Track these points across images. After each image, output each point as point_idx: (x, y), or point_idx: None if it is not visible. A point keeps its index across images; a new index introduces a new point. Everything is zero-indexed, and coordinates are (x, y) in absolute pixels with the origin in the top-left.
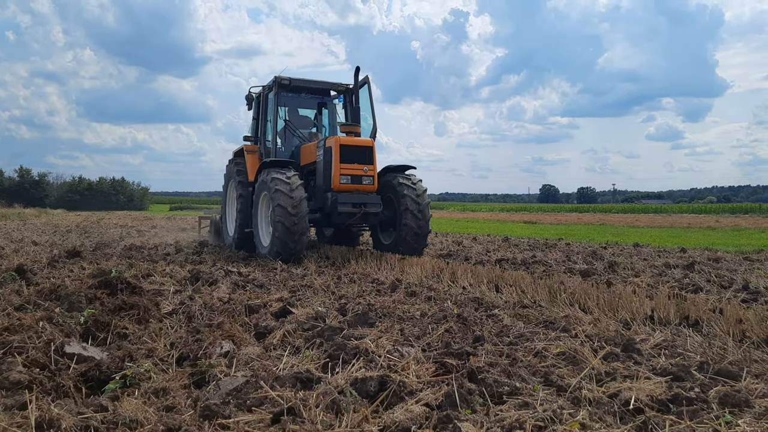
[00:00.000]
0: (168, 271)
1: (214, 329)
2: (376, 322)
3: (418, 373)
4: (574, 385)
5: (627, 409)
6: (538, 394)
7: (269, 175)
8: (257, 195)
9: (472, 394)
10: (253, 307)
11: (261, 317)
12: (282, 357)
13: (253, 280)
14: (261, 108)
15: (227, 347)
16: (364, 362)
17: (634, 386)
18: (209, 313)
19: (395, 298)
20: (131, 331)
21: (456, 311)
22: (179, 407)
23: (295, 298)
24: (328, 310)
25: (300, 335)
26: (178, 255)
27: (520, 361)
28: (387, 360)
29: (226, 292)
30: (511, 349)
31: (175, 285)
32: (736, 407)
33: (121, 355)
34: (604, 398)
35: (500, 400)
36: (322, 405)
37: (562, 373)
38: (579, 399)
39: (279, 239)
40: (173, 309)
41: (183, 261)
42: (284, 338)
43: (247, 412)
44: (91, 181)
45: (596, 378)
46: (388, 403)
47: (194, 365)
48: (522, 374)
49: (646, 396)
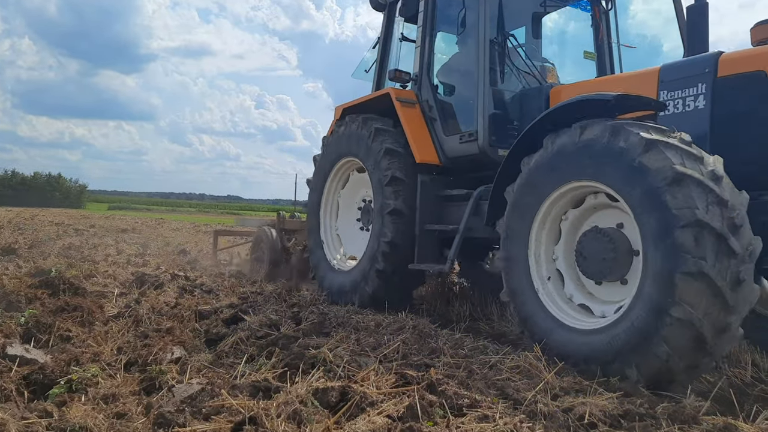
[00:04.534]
0: (111, 273)
1: (164, 334)
2: (331, 331)
3: (378, 384)
4: (530, 399)
5: (581, 424)
6: (497, 406)
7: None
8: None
9: (433, 405)
10: (203, 313)
11: (212, 323)
12: (236, 365)
13: (201, 285)
14: (426, 19)
15: (178, 353)
16: (323, 372)
17: (587, 401)
18: (157, 317)
19: (349, 307)
20: (75, 333)
21: (411, 322)
22: (131, 414)
23: (246, 304)
24: (282, 318)
25: (253, 343)
26: (120, 256)
27: (476, 374)
28: (346, 370)
29: (173, 297)
30: (467, 361)
31: (119, 287)
32: (685, 423)
33: (66, 358)
34: (558, 412)
35: (460, 412)
36: (283, 415)
37: (517, 387)
38: (535, 413)
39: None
40: (119, 312)
41: (125, 263)
42: (237, 345)
43: (204, 420)
44: (25, 175)
45: (551, 392)
46: (350, 414)
47: (144, 371)
48: (479, 387)
49: (599, 411)
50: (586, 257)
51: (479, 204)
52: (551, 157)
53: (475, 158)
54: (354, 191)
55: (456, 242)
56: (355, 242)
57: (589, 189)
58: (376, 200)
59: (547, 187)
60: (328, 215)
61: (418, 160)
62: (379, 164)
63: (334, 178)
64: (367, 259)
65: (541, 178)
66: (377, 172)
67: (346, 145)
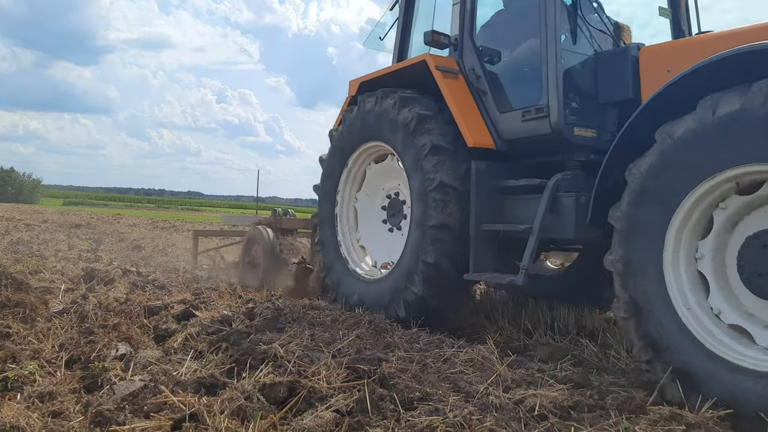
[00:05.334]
0: (59, 268)
1: (110, 330)
2: (285, 327)
3: (329, 379)
4: (482, 392)
5: (532, 415)
6: (448, 400)
7: None
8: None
9: (384, 399)
10: (153, 309)
11: (161, 319)
12: (184, 361)
13: (154, 281)
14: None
15: (123, 349)
16: (272, 367)
17: (538, 393)
18: (104, 313)
19: (305, 303)
20: (15, 330)
21: (368, 318)
22: (67, 413)
23: (198, 300)
24: (235, 314)
25: (204, 339)
26: (71, 251)
27: (430, 367)
28: (297, 365)
29: (124, 293)
30: (422, 355)
31: (67, 283)
32: (633, 414)
33: (3, 355)
34: (510, 404)
35: (411, 405)
36: (227, 411)
37: (470, 380)
38: (486, 405)
39: None
40: (64, 308)
41: (76, 258)
42: (186, 342)
43: (145, 418)
44: None
45: (503, 384)
46: (298, 409)
47: (86, 368)
48: (432, 380)
49: (550, 402)
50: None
51: (556, 197)
52: (716, 126)
53: (544, 140)
54: (374, 188)
55: (531, 246)
56: (383, 247)
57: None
58: (417, 207)
59: (705, 168)
60: (347, 227)
61: (470, 143)
62: (422, 164)
63: (348, 178)
64: (402, 274)
65: (696, 155)
66: (418, 173)
67: (373, 127)
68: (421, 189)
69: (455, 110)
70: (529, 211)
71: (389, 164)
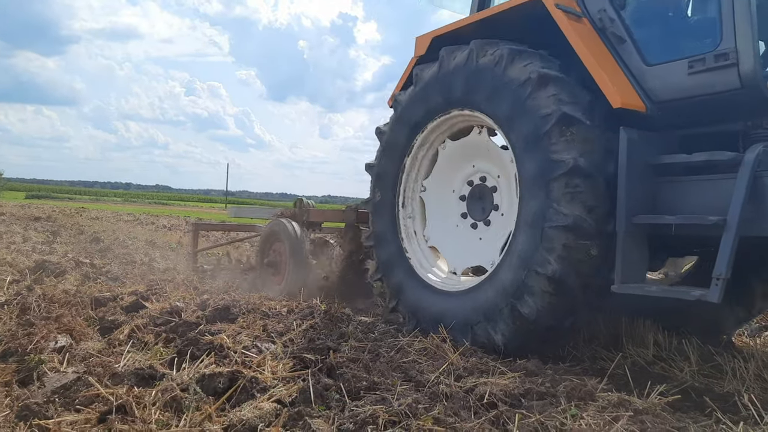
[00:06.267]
0: (9, 260)
1: (51, 322)
2: (238, 317)
3: (274, 369)
4: (433, 380)
5: (481, 404)
6: (396, 389)
7: None
8: None
9: (329, 389)
10: (101, 300)
11: (109, 311)
12: (127, 353)
13: (107, 273)
14: None
15: (63, 341)
16: (216, 358)
17: (490, 381)
18: (48, 305)
19: (263, 294)
20: None
21: (324, 308)
22: None
23: (151, 292)
24: (187, 305)
25: (151, 330)
26: (25, 244)
27: (382, 357)
28: (243, 356)
29: (74, 284)
30: (375, 345)
31: (14, 275)
32: (582, 401)
33: None
34: (460, 393)
35: (357, 395)
36: (159, 403)
37: (422, 369)
38: (437, 394)
39: None
40: (6, 300)
41: (30, 251)
42: (133, 333)
43: (74, 411)
44: None
45: (455, 373)
46: (238, 401)
47: (22, 361)
48: (382, 369)
49: (500, 391)
50: None
51: (758, 178)
52: None
53: (725, 99)
54: (448, 173)
55: (729, 246)
56: (461, 248)
57: None
58: (530, 200)
59: None
60: (411, 220)
61: (617, 103)
62: (544, 141)
63: (415, 161)
64: (502, 288)
65: None
66: (536, 153)
67: (462, 90)
68: (539, 175)
69: (590, 62)
70: (712, 198)
71: (473, 141)
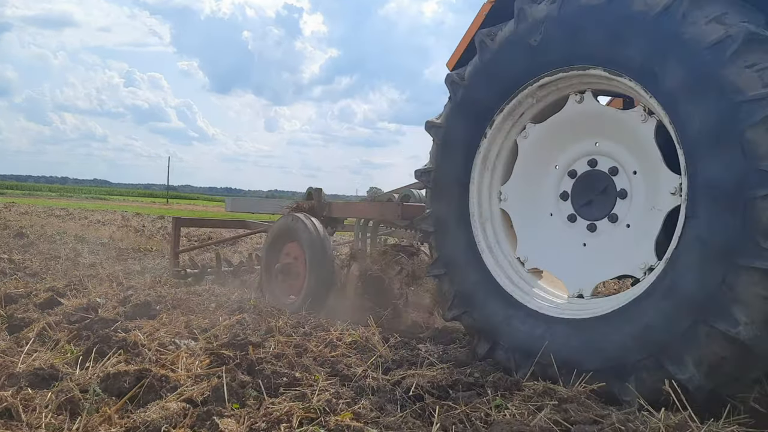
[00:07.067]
0: None
1: None
2: (161, 313)
3: (189, 367)
4: (360, 374)
5: (408, 396)
6: (318, 384)
7: None
8: None
9: (246, 386)
10: (12, 297)
11: (20, 308)
12: (33, 352)
13: (26, 269)
14: None
15: None
16: (127, 356)
17: (418, 373)
18: None
19: (191, 289)
20: None
21: (253, 303)
22: None
23: (70, 287)
24: (108, 301)
25: (64, 328)
26: None
27: (310, 351)
28: (157, 353)
29: None
30: (304, 339)
31: None
32: (508, 391)
33: None
34: (387, 386)
35: (276, 392)
36: (53, 405)
37: (350, 363)
38: (363, 388)
39: None
40: None
41: None
42: (43, 331)
43: None
44: None
45: (383, 366)
46: (145, 401)
47: None
48: (308, 365)
49: (428, 383)
50: None
51: None
52: None
53: None
54: (536, 171)
55: None
56: (574, 262)
57: None
58: (708, 213)
59: None
60: (494, 238)
61: None
62: (739, 136)
63: (487, 158)
64: (676, 308)
65: None
66: (727, 149)
67: (594, 40)
68: (728, 182)
69: None
70: None
71: (569, 114)
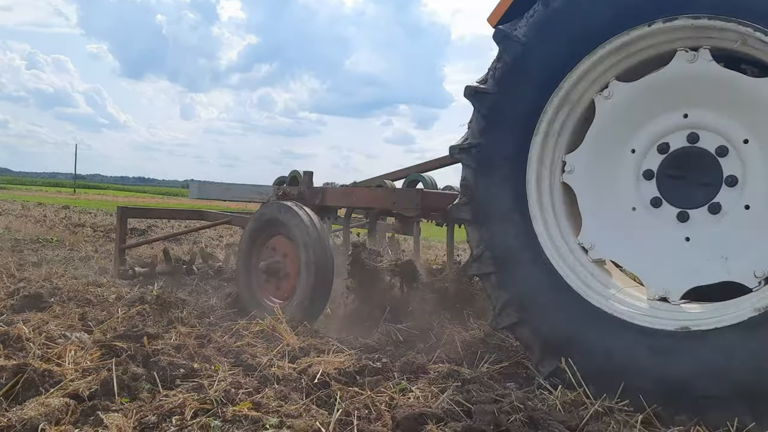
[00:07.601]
0: None
1: None
2: (53, 305)
3: (77, 360)
4: (265, 363)
5: (314, 384)
6: (217, 375)
7: None
8: None
9: (139, 379)
10: None
11: None
12: None
13: None
14: None
15: None
16: (8, 351)
17: (325, 360)
18: None
19: (91, 280)
20: None
21: (156, 293)
22: None
23: None
24: None
25: None
26: None
27: (213, 342)
28: (43, 347)
29: None
30: (209, 330)
31: None
32: (413, 374)
33: None
34: (293, 374)
35: (173, 384)
36: None
37: (255, 352)
38: (267, 377)
39: None
40: None
41: None
42: None
43: None
44: None
45: (290, 355)
46: (23, 398)
47: None
48: (209, 355)
49: (335, 370)
50: None
51: None
52: None
53: None
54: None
55: None
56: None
57: None
58: None
59: None
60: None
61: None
62: None
63: (551, 126)
64: None
65: None
66: None
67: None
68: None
69: None
70: None
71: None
